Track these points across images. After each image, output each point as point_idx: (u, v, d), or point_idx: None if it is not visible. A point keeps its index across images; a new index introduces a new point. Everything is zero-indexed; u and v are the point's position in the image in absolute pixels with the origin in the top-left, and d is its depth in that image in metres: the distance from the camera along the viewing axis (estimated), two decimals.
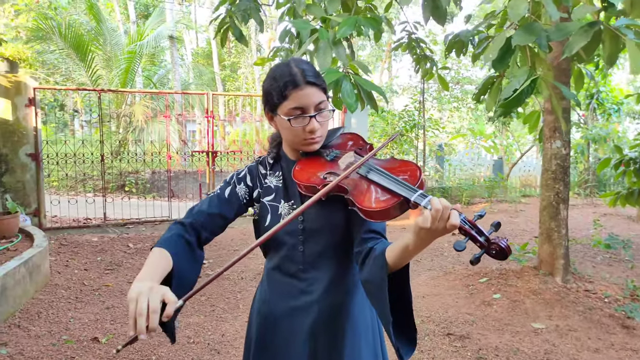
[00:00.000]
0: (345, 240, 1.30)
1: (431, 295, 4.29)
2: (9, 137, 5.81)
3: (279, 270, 1.36)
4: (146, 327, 0.92)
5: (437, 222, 0.98)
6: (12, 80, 5.80)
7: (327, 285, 1.32)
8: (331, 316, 1.32)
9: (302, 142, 1.27)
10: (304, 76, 1.21)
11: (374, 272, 1.13)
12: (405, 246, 1.06)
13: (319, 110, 1.24)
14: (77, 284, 4.31)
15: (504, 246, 0.98)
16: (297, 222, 1.31)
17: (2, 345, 3.06)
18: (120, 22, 17.03)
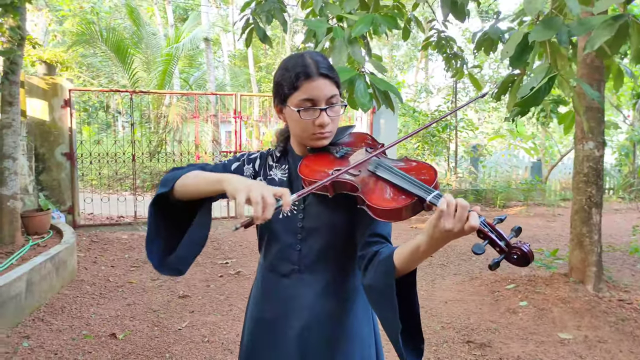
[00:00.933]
0: (346, 244, 1.24)
1: (454, 300, 4.16)
2: (45, 137, 6.05)
3: (272, 269, 1.30)
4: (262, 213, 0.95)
5: (455, 222, 0.92)
6: (49, 82, 6.04)
7: (322, 290, 1.25)
8: (323, 324, 1.25)
9: (310, 136, 1.21)
10: (317, 67, 1.17)
11: (378, 278, 1.09)
12: (416, 247, 1.01)
13: (330, 104, 1.18)
14: (102, 280, 4.43)
15: (527, 251, 0.92)
16: (296, 219, 1.26)
17: (25, 338, 3.17)
18: (160, 26, 17.52)
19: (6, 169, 4.35)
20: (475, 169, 10.17)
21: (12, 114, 4.36)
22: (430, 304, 4.08)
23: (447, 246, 6.00)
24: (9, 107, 4.34)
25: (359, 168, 1.15)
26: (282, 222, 1.27)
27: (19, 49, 4.33)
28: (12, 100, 4.36)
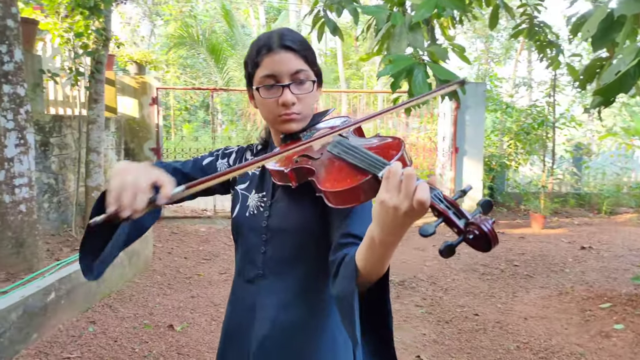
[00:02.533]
0: (319, 247, 1.05)
1: (536, 317, 3.71)
2: (135, 133, 6.44)
3: (239, 274, 1.17)
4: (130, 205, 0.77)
5: (402, 197, 0.69)
6: (139, 81, 6.41)
7: (289, 299, 1.08)
8: (290, 338, 1.08)
9: (276, 119, 1.07)
10: (280, 40, 1.04)
11: (344, 284, 0.86)
12: (371, 239, 0.78)
13: (295, 80, 1.04)
14: (173, 271, 4.58)
15: (488, 229, 0.65)
16: (261, 218, 1.11)
17: (91, 323, 3.33)
18: (254, 27, 18.14)
19: (91, 162, 4.66)
20: (578, 171, 9.17)
21: (97, 110, 4.65)
22: (507, 319, 3.67)
23: (536, 255, 5.43)
24: (94, 104, 4.63)
25: (321, 151, 0.98)
26: (247, 220, 1.13)
27: (103, 49, 4.60)
28: (97, 97, 4.65)
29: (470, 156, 7.23)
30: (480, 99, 7.23)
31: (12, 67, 3.28)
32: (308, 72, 1.06)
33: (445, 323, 3.60)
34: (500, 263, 5.13)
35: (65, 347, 2.98)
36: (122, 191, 0.77)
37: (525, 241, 6.13)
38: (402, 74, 2.67)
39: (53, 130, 4.56)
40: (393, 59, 2.61)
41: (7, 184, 3.30)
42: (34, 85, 4.36)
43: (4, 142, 3.27)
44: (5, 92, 3.25)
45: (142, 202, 0.78)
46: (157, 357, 2.97)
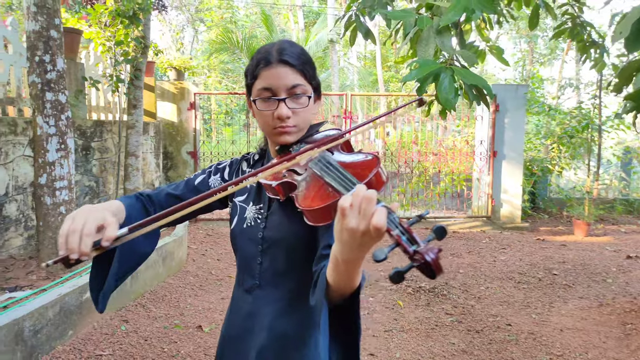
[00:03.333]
0: (310, 258, 1.06)
1: (573, 329, 3.56)
2: (173, 137, 6.63)
3: (239, 283, 1.21)
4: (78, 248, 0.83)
5: (357, 218, 0.71)
6: (178, 87, 6.60)
7: (283, 309, 1.11)
8: (283, 347, 1.11)
9: (272, 131, 1.10)
10: (279, 54, 1.06)
11: (318, 295, 0.91)
12: (334, 257, 0.81)
13: (292, 95, 1.07)
14: (205, 272, 4.68)
15: (431, 259, 0.66)
16: (258, 229, 1.14)
17: (124, 322, 3.44)
18: (294, 31, 18.32)
19: (130, 165, 4.83)
20: (626, 176, 8.73)
21: (136, 115, 4.82)
22: (541, 330, 3.54)
23: (577, 264, 5.20)
24: (133, 110, 4.80)
25: (305, 166, 1.00)
26: (245, 232, 1.16)
27: (142, 57, 4.77)
28: (136, 103, 4.82)
29: (509, 160, 7.02)
30: (521, 102, 7.01)
31: (55, 76, 3.45)
32: (305, 87, 1.08)
33: (476, 332, 3.51)
34: (538, 271, 4.95)
35: (98, 344, 3.10)
36: (69, 236, 0.83)
37: (566, 249, 5.89)
38: (429, 79, 2.62)
39: (94, 134, 4.76)
40: (419, 64, 2.57)
41: (49, 187, 3.47)
42: (77, 92, 4.57)
43: (46, 147, 3.44)
44: (48, 99, 3.42)
45: (86, 247, 0.83)
46: (185, 357, 3.04)
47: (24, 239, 3.90)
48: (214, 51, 14.54)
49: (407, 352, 3.20)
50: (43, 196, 3.47)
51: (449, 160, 7.53)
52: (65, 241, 0.83)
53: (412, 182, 7.45)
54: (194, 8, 16.03)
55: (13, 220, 3.79)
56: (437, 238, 0.70)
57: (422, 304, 4.04)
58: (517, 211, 7.12)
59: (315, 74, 1.13)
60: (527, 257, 5.49)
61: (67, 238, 0.83)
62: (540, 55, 15.27)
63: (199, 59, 16.44)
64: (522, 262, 5.30)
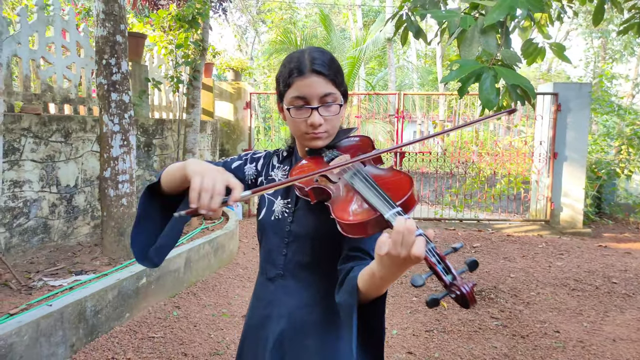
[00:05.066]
0: (333, 254, 1.15)
1: (627, 340, 3.39)
2: (230, 135, 6.91)
3: (262, 273, 1.28)
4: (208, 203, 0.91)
5: (399, 247, 0.81)
6: (235, 87, 6.86)
7: (305, 300, 1.18)
8: (303, 336, 1.17)
9: (304, 136, 1.16)
10: (312, 64, 1.11)
11: (345, 297, 1.00)
12: (371, 273, 0.90)
13: (324, 103, 1.12)
14: (254, 265, 4.86)
15: (466, 292, 0.76)
16: (285, 223, 1.21)
17: (176, 308, 3.67)
18: (352, 30, 18.39)
19: None
20: None
21: (194, 114, 5.09)
22: (592, 339, 3.39)
23: (638, 273, 4.91)
24: (191, 109, 5.07)
25: (339, 175, 1.06)
26: (272, 224, 1.23)
27: (200, 59, 5.02)
28: (194, 103, 5.09)
29: (571, 162, 6.71)
30: (585, 101, 6.67)
31: (119, 77, 3.73)
32: (335, 95, 1.14)
33: (521, 338, 3.43)
34: (596, 279, 4.73)
35: (151, 327, 3.33)
36: (202, 192, 0.90)
37: (631, 257, 5.56)
38: (470, 79, 2.61)
39: (156, 132, 5.07)
40: (460, 64, 2.57)
41: (112, 180, 3.76)
42: (141, 92, 4.89)
43: (110, 143, 3.73)
44: (113, 99, 3.71)
45: (217, 204, 0.91)
46: (229, 344, 3.20)
47: (90, 227, 4.25)
48: (274, 52, 14.89)
49: (446, 352, 3.19)
50: (107, 188, 3.77)
51: (505, 162, 7.30)
52: (197, 197, 0.90)
53: (466, 183, 7.30)
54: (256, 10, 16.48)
55: (81, 210, 4.14)
56: (469, 270, 0.80)
57: None
58: (579, 216, 6.79)
59: (343, 81, 1.18)
60: (586, 264, 5.24)
61: (199, 194, 0.90)
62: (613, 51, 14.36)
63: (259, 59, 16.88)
64: (580, 268, 5.07)
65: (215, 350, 3.10)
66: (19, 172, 3.53)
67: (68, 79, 4.17)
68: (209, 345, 3.16)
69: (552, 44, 3.87)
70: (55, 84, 4.08)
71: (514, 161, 7.26)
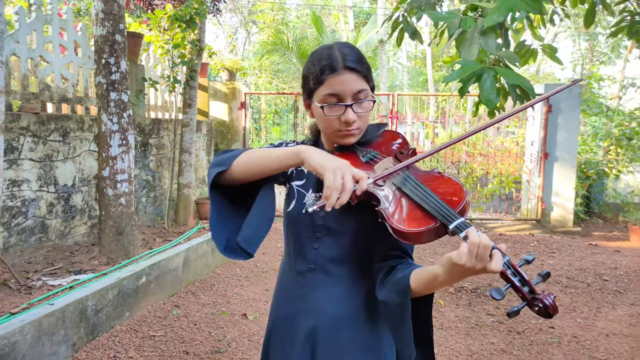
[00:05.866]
0: (368, 250, 1.16)
1: (620, 335, 3.46)
2: (225, 134, 6.91)
3: (289, 266, 1.27)
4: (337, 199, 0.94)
5: (474, 260, 0.84)
6: (230, 87, 6.87)
7: (336, 294, 1.19)
8: (334, 330, 1.18)
9: (336, 133, 1.15)
10: (344, 60, 1.10)
11: (392, 296, 1.03)
12: (434, 277, 0.95)
13: (357, 100, 1.11)
14: (251, 264, 4.87)
15: (549, 304, 0.81)
16: (317, 217, 1.19)
17: (176, 307, 3.68)
18: (343, 32, 18.44)
19: (183, 161, 5.11)
20: None
21: (190, 114, 5.10)
22: (586, 334, 3.47)
23: (630, 270, 5.01)
24: (188, 109, 5.08)
25: (385, 179, 1.07)
26: (303, 218, 1.21)
27: (197, 59, 5.03)
28: (191, 102, 5.09)
29: (561, 162, 6.82)
30: (575, 102, 6.78)
31: (118, 77, 3.73)
32: (367, 91, 1.12)
33: (517, 333, 3.49)
34: (587, 276, 4.82)
35: (151, 326, 3.33)
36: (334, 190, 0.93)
37: (620, 255, 5.67)
38: (471, 79, 2.66)
39: (152, 132, 5.07)
40: (461, 64, 2.62)
41: (111, 179, 3.76)
42: (138, 92, 4.89)
43: (109, 143, 3.73)
44: (112, 98, 3.71)
45: (346, 198, 0.94)
46: (230, 342, 3.22)
47: (87, 227, 4.23)
48: (266, 52, 14.89)
49: (444, 348, 3.24)
50: (105, 188, 3.76)
51: (497, 162, 7.40)
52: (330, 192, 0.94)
53: None
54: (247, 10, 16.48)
55: (78, 209, 4.12)
56: (542, 280, 0.86)
57: (463, 304, 4.05)
58: (569, 215, 6.90)
59: (372, 75, 1.17)
60: (577, 262, 5.34)
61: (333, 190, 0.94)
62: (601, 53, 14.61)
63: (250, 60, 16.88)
64: (571, 266, 5.17)
65: (216, 348, 3.11)
66: (17, 172, 3.52)
67: (66, 78, 4.15)
68: (210, 344, 3.17)
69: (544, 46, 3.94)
70: (53, 83, 4.07)
71: (505, 161, 7.36)
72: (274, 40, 14.09)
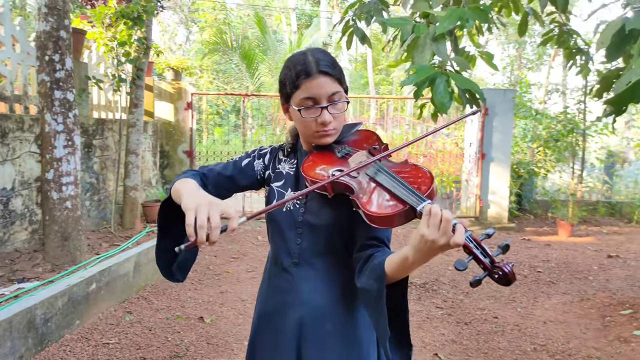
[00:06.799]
0: (347, 242, 1.23)
1: (555, 322, 3.76)
2: (170, 136, 6.75)
3: (274, 262, 1.33)
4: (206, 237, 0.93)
5: (439, 235, 0.91)
6: (175, 87, 6.71)
7: (321, 286, 1.25)
8: (320, 320, 1.25)
9: (313, 134, 1.22)
10: (318, 65, 1.16)
11: (370, 283, 1.09)
12: (404, 258, 1.00)
13: (332, 102, 1.18)
14: (203, 267, 4.81)
15: (508, 271, 0.90)
16: (297, 214, 1.27)
17: (128, 313, 3.57)
18: (286, 33, 18.48)
19: (130, 163, 4.94)
20: (609, 179, 9.03)
21: (137, 114, 4.94)
22: (526, 322, 3.73)
23: (561, 262, 5.43)
24: (134, 109, 4.92)
25: (358, 171, 1.14)
26: (284, 215, 1.28)
27: (144, 57, 4.89)
28: (137, 102, 4.94)
29: (497, 162, 7.24)
30: (509, 106, 7.23)
31: (64, 75, 3.57)
32: (341, 93, 1.19)
33: (465, 324, 3.69)
34: (523, 269, 5.17)
35: (104, 333, 3.22)
36: (198, 230, 0.92)
37: (550, 248, 6.12)
38: (425, 83, 2.80)
39: (96, 132, 4.87)
40: (416, 69, 2.75)
41: (56, 182, 3.58)
42: (80, 91, 4.67)
43: (53, 144, 3.55)
44: (57, 97, 3.54)
45: (216, 237, 0.94)
46: (188, 346, 3.17)
47: (28, 233, 4.00)
48: (208, 52, 14.63)
49: None
50: (50, 191, 3.58)
51: (439, 162, 7.74)
52: (194, 232, 0.92)
53: None
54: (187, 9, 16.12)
55: (19, 214, 3.89)
56: (502, 252, 0.93)
57: (413, 298, 4.22)
58: (504, 212, 7.34)
59: (344, 77, 1.24)
60: (513, 256, 5.70)
61: (197, 231, 0.92)
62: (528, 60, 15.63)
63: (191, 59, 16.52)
64: (508, 260, 5.50)
65: (175, 353, 3.06)
66: None
67: (3, 75, 3.90)
68: (168, 349, 3.11)
69: (482, 53, 4.19)
70: None
71: (446, 162, 7.71)
72: (216, 40, 13.88)
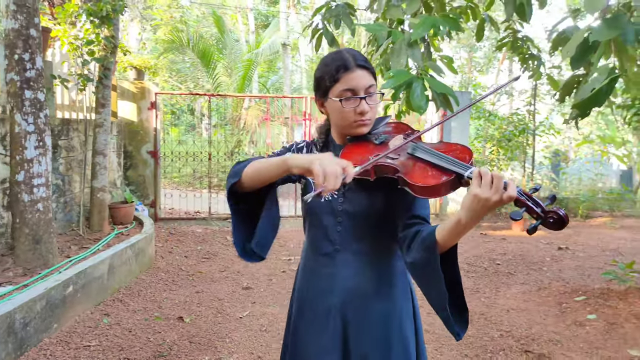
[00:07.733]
0: (385, 227, 1.32)
1: (517, 310, 4.03)
2: (133, 136, 6.62)
3: (313, 249, 1.41)
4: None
5: (493, 192, 0.99)
6: (138, 86, 6.60)
7: (361, 270, 1.34)
8: (362, 303, 1.33)
9: (351, 124, 1.30)
10: (355, 60, 1.27)
11: (422, 254, 1.16)
12: (457, 222, 1.08)
13: (369, 94, 1.28)
14: (176, 268, 4.79)
15: (562, 214, 0.98)
16: (336, 203, 1.35)
17: (105, 316, 3.53)
18: (242, 33, 18.36)
19: (97, 164, 4.85)
20: (555, 176, 9.62)
21: (104, 114, 4.85)
22: (491, 311, 3.98)
23: (517, 255, 5.78)
24: (101, 109, 4.83)
25: (398, 152, 1.23)
26: (324, 205, 1.36)
27: (111, 56, 4.81)
28: (104, 102, 4.85)
29: None
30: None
31: (34, 74, 3.48)
32: (375, 87, 1.31)
33: (435, 315, 3.89)
34: (483, 262, 5.46)
35: (83, 336, 3.18)
36: (327, 176, 1.04)
37: (506, 242, 6.48)
38: (402, 87, 2.95)
39: (61, 133, 4.74)
40: (394, 74, 2.90)
41: (27, 184, 3.49)
42: (46, 90, 4.54)
43: (24, 145, 3.46)
44: (27, 97, 3.45)
45: (338, 183, 1.05)
46: (171, 345, 3.19)
47: None
48: (163, 51, 14.33)
49: None
50: (20, 193, 3.49)
51: None
52: (323, 180, 1.04)
53: None
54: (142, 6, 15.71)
55: None
56: (551, 202, 1.02)
57: None
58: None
59: (376, 75, 1.35)
60: (473, 250, 6.01)
61: (325, 179, 1.04)
62: (477, 63, 16.34)
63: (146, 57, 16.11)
64: (469, 254, 5.81)
65: (158, 353, 3.07)
66: None
67: None
68: (151, 349, 3.12)
69: (443, 57, 4.43)
70: None
71: None
72: (173, 39, 13.62)
